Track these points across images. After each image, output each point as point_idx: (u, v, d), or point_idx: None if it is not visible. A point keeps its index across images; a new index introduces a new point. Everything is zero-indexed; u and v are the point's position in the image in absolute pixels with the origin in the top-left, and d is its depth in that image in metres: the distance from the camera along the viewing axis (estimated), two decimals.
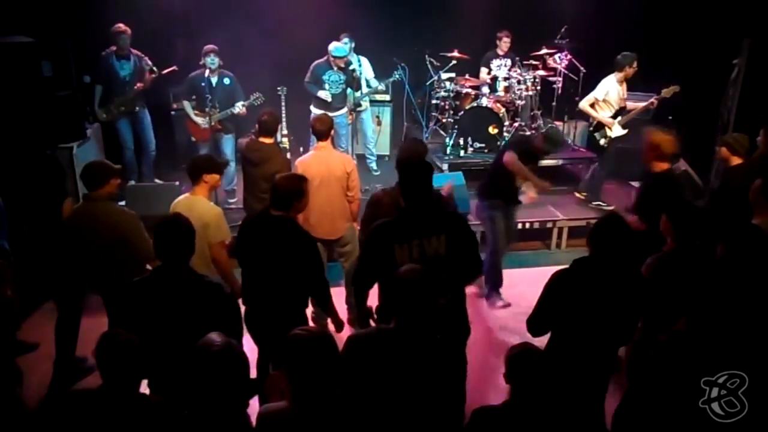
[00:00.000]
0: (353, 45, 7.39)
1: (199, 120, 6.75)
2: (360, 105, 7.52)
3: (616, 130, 6.77)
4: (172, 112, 7.72)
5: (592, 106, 6.88)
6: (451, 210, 4.29)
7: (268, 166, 5.01)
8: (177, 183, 6.51)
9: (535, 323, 3.31)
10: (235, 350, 2.43)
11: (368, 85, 7.60)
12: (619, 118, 6.72)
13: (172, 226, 3.03)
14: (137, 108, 6.93)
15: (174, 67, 6.80)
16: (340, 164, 4.87)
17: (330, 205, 4.84)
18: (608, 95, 6.75)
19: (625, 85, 6.81)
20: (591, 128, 6.90)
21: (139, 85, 6.77)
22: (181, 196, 4.27)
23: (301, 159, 5.03)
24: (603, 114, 6.75)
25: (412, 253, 3.26)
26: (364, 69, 7.51)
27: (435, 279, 2.80)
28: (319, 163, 4.84)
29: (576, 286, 3.15)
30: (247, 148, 5.30)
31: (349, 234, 5.04)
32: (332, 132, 5.13)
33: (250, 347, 4.11)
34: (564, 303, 3.17)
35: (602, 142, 6.83)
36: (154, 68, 6.78)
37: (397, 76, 7.45)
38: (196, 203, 4.05)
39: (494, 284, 5.66)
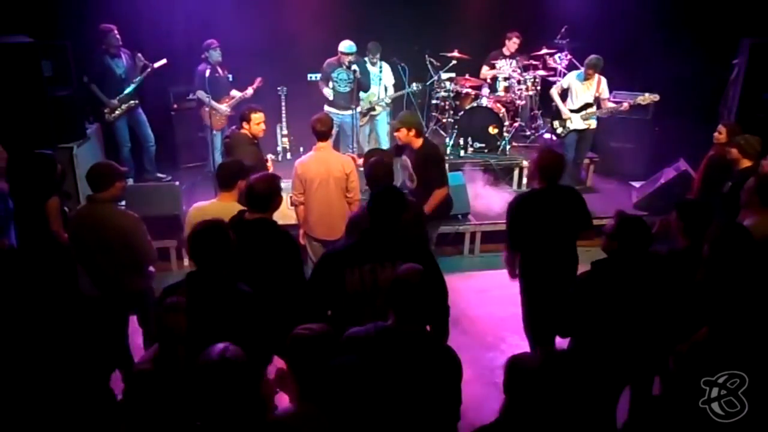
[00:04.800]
0: (378, 55, 7.39)
1: (222, 107, 7.08)
2: (374, 109, 7.53)
3: (576, 123, 7.10)
4: (172, 112, 7.72)
5: (563, 93, 7.23)
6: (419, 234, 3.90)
7: (235, 154, 4.96)
8: (177, 183, 6.51)
9: (563, 325, 3.30)
10: (232, 360, 2.28)
11: (386, 92, 7.61)
12: (583, 112, 7.04)
13: (213, 231, 2.96)
14: (136, 102, 6.98)
15: (164, 61, 6.84)
16: (339, 165, 4.86)
17: (329, 206, 4.84)
18: (570, 87, 7.11)
19: (602, 84, 6.98)
20: (551, 116, 7.33)
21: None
22: (207, 202, 4.15)
23: (300, 160, 5.02)
24: (568, 104, 7.14)
25: (364, 278, 3.00)
26: (384, 76, 7.51)
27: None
28: (319, 163, 4.83)
29: (599, 286, 3.13)
30: (227, 138, 5.35)
31: None
32: (333, 132, 5.12)
33: None
34: (590, 304, 3.14)
35: (559, 130, 7.20)
36: (147, 63, 6.84)
37: (415, 87, 7.49)
38: (231, 211, 3.84)
39: None
